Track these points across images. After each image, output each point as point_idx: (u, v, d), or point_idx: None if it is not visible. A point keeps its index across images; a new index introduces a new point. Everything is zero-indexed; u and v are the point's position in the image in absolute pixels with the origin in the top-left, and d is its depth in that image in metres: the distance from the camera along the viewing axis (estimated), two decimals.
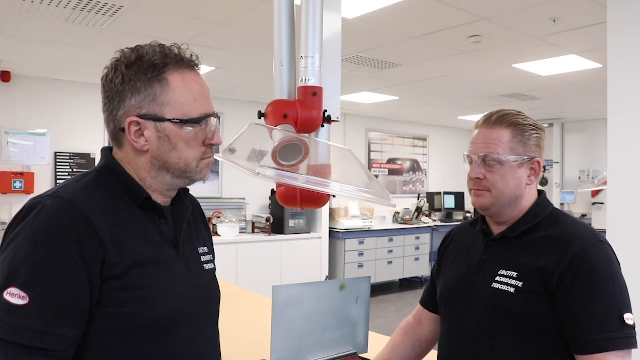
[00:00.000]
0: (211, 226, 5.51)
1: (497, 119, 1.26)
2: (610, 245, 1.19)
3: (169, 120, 0.99)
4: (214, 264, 1.18)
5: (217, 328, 1.16)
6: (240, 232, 5.96)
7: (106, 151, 1.07)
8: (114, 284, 0.93)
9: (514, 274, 1.19)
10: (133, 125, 1.00)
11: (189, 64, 1.04)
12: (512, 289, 1.18)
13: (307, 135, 1.10)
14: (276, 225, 6.04)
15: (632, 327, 1.10)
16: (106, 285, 0.92)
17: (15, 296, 0.85)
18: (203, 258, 1.13)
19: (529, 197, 1.29)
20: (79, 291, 0.89)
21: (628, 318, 1.10)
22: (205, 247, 1.16)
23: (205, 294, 1.09)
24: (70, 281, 0.89)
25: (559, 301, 1.13)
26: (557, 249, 1.16)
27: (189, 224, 1.13)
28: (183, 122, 1.00)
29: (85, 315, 0.91)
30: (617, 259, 1.18)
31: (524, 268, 1.19)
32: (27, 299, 0.86)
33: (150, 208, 1.03)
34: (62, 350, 0.88)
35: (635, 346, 1.10)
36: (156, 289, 0.97)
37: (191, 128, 1.01)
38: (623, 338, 1.08)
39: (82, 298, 0.90)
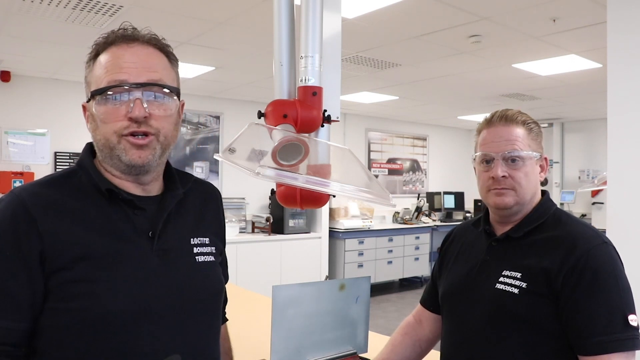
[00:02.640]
0: None
1: (511, 117, 1.26)
2: (614, 247, 1.18)
3: (89, 98, 0.99)
4: (215, 257, 1.11)
5: (209, 326, 1.08)
6: (240, 232, 5.97)
7: (85, 147, 1.07)
8: (61, 277, 0.92)
9: (518, 275, 1.19)
10: (85, 112, 1.03)
11: (122, 39, 0.99)
12: (516, 290, 1.18)
13: (307, 135, 1.10)
14: (276, 225, 6.03)
15: (636, 328, 1.10)
16: (53, 278, 0.92)
17: None
18: (197, 250, 1.07)
19: (537, 197, 1.29)
20: (13, 284, 0.90)
21: (632, 320, 1.10)
22: (206, 239, 1.09)
23: (188, 289, 1.01)
24: (4, 274, 0.90)
25: (563, 302, 1.13)
26: (562, 250, 1.16)
27: (185, 213, 1.09)
28: (93, 95, 0.97)
29: (24, 307, 0.91)
30: (620, 260, 1.18)
31: (529, 269, 1.18)
32: None
33: (120, 200, 1.00)
34: None
35: (639, 348, 1.10)
36: (109, 284, 0.93)
37: (104, 101, 0.96)
38: (627, 340, 1.08)
39: (17, 291, 0.90)
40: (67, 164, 5.20)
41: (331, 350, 1.38)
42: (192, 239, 1.07)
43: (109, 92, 0.96)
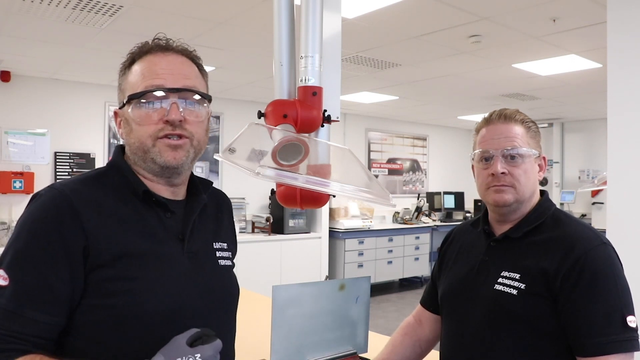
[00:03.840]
0: None
1: (510, 115, 1.27)
2: (613, 247, 1.18)
3: (124, 103, 1.02)
4: (232, 262, 1.17)
5: (231, 327, 1.13)
6: (240, 232, 5.96)
7: (116, 148, 1.10)
8: (101, 273, 0.93)
9: (517, 275, 1.19)
10: (117, 118, 1.06)
11: (157, 48, 1.03)
12: (514, 291, 1.18)
13: (307, 135, 1.10)
14: (276, 225, 6.03)
15: (635, 329, 1.10)
16: (93, 274, 0.93)
17: (0, 277, 0.90)
18: (219, 254, 1.12)
19: (536, 196, 1.29)
20: (56, 278, 0.91)
21: (631, 321, 1.10)
22: (225, 244, 1.15)
23: (214, 290, 1.07)
24: (47, 267, 0.91)
25: (561, 303, 1.13)
26: (561, 251, 1.16)
27: (207, 218, 1.13)
28: (130, 100, 1.00)
29: (63, 302, 0.92)
30: (620, 261, 1.17)
31: (527, 270, 1.18)
32: (8, 280, 0.90)
33: (154, 202, 1.03)
34: (30, 334, 0.89)
35: (637, 349, 1.09)
36: (147, 282, 0.96)
37: (140, 105, 0.99)
38: (625, 341, 1.08)
39: (59, 285, 0.91)
40: (67, 164, 5.20)
41: (331, 350, 1.38)
42: (214, 243, 1.12)
43: (143, 100, 0.99)
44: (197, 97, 1.02)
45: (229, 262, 1.14)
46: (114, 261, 0.94)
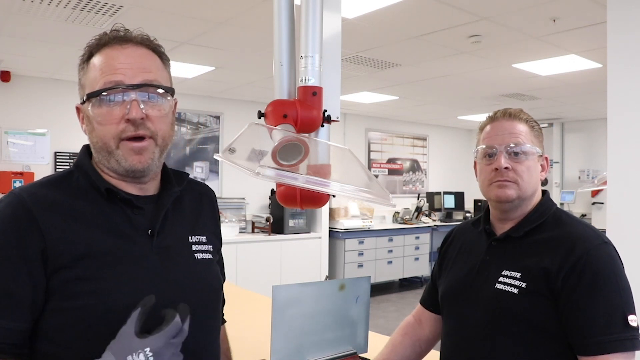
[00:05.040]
0: None
1: (515, 114, 1.28)
2: (614, 247, 1.18)
3: (84, 100, 0.99)
4: (213, 255, 1.12)
5: (211, 321, 1.09)
6: (240, 232, 5.96)
7: (82, 148, 1.08)
8: (64, 275, 0.92)
9: (518, 274, 1.19)
10: (80, 113, 1.04)
11: (115, 40, 1.00)
12: (515, 290, 1.18)
13: (307, 135, 1.10)
14: (276, 225, 6.04)
15: (636, 329, 1.10)
16: (56, 277, 0.92)
17: None
18: (195, 247, 1.08)
19: (537, 195, 1.29)
20: (15, 283, 0.90)
21: (632, 320, 1.10)
22: (204, 237, 1.11)
23: (189, 286, 1.02)
24: (5, 273, 0.90)
25: (562, 303, 1.13)
26: (562, 251, 1.16)
27: (183, 212, 1.10)
28: (88, 98, 0.97)
29: (24, 307, 0.91)
30: (620, 260, 1.17)
31: (528, 269, 1.18)
32: None
33: (119, 199, 1.00)
34: None
35: (638, 348, 1.09)
36: (112, 282, 0.93)
37: (99, 104, 0.96)
38: (627, 340, 1.08)
39: (19, 290, 0.90)
40: (67, 164, 5.20)
41: (331, 350, 1.38)
42: (190, 237, 1.09)
43: (104, 94, 0.96)
44: (159, 90, 0.99)
45: (208, 256, 1.10)
46: (76, 262, 0.92)
